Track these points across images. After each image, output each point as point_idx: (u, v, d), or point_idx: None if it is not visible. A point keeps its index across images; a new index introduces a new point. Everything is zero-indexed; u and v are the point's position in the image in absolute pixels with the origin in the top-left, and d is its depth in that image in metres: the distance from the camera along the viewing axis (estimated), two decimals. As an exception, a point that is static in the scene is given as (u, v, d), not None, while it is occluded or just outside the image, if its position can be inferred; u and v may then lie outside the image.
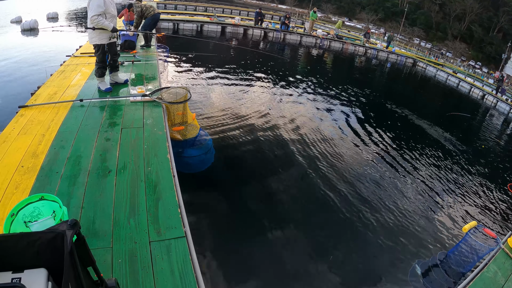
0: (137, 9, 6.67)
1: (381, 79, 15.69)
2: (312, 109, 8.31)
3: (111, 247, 1.95)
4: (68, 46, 8.48)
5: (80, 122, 3.39)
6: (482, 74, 24.64)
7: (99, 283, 1.38)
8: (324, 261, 3.51)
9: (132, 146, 3.04)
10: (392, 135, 7.76)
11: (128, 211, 2.24)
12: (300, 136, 6.38)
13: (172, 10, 20.55)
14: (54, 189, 2.35)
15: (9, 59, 8.47)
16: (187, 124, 4.19)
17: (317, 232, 3.96)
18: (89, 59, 5.81)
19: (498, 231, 4.82)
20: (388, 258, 3.75)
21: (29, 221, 1.80)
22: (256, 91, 8.81)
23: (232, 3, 36.00)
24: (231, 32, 16.47)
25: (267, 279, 3.17)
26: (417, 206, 4.90)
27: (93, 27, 3.87)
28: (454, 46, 45.06)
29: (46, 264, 1.11)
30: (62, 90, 4.25)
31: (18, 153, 2.75)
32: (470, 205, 5.39)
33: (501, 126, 12.39)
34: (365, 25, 43.77)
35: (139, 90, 4.32)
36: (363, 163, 5.90)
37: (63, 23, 14.63)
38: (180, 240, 2.07)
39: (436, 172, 6.27)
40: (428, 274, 3.46)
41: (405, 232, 4.24)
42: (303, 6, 51.35)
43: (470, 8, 46.41)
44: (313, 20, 18.98)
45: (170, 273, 1.84)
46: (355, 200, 4.67)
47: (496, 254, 3.00)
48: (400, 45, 26.30)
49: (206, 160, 4.32)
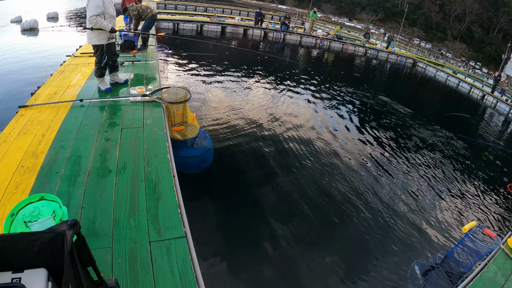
0: (133, 12, 6.39)
1: (381, 80, 15.69)
2: (312, 109, 8.32)
3: (111, 247, 1.95)
4: (68, 46, 8.47)
5: (80, 122, 3.39)
6: (482, 75, 24.64)
7: (99, 283, 1.38)
8: (324, 261, 3.51)
9: (132, 146, 3.04)
10: (392, 135, 7.76)
11: (128, 211, 2.24)
12: (300, 136, 6.39)
13: (172, 10, 20.56)
14: (54, 189, 2.35)
15: (9, 59, 8.48)
16: (187, 124, 4.19)
17: (317, 231, 3.96)
18: (89, 59, 5.81)
19: (498, 231, 4.83)
20: (387, 258, 3.75)
21: (29, 221, 1.80)
22: (256, 91, 8.81)
23: (232, 3, 36.01)
24: (231, 32, 16.47)
25: (267, 279, 3.17)
26: (416, 206, 4.91)
27: (91, 27, 3.87)
28: (454, 46, 45.12)
29: (46, 264, 1.11)
30: (62, 90, 4.25)
31: (18, 153, 2.75)
32: (470, 205, 5.39)
33: (501, 127, 12.40)
34: (365, 25, 43.77)
35: (139, 90, 4.32)
36: (363, 163, 5.90)
37: (63, 23, 14.62)
38: (180, 240, 2.07)
39: (436, 172, 6.28)
40: (428, 274, 3.46)
41: (405, 232, 4.24)
42: (303, 6, 51.38)
43: (470, 9, 46.46)
44: (313, 21, 19.00)
45: (170, 273, 1.84)
46: (355, 200, 4.68)
47: (496, 254, 3.01)
48: (400, 46, 26.31)
49: (206, 160, 4.33)
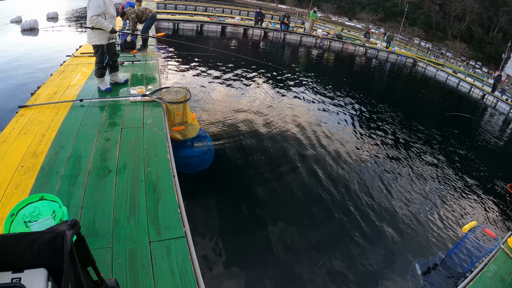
0: (131, 15, 6.25)
1: (381, 79, 15.68)
2: (312, 109, 8.31)
3: (111, 247, 1.95)
4: (68, 46, 8.48)
5: (80, 122, 3.40)
6: (482, 74, 24.62)
7: (99, 283, 1.38)
8: (324, 261, 3.51)
9: (132, 146, 3.04)
10: (391, 135, 7.76)
11: (128, 211, 2.24)
12: (300, 136, 6.38)
13: (172, 10, 20.54)
14: (54, 189, 2.35)
15: (9, 59, 8.47)
16: (187, 124, 4.19)
17: (317, 231, 3.96)
18: (89, 59, 5.81)
19: (498, 231, 4.82)
20: (388, 258, 3.75)
21: (29, 221, 1.80)
22: (256, 91, 8.81)
23: (232, 3, 35.98)
24: (231, 32, 16.46)
25: (267, 279, 3.16)
26: (417, 206, 4.90)
27: (91, 27, 3.88)
28: (454, 46, 45.08)
29: (46, 264, 1.11)
30: (62, 90, 4.25)
31: (18, 153, 2.75)
32: (470, 205, 5.39)
33: (501, 126, 12.39)
34: (365, 25, 43.75)
35: (139, 90, 4.32)
36: (363, 163, 5.90)
37: (63, 23, 14.62)
38: (180, 240, 2.07)
39: (436, 172, 6.27)
40: (428, 274, 3.46)
41: (405, 232, 4.25)
42: (303, 6, 51.38)
43: (470, 8, 46.43)
44: (313, 20, 18.99)
45: (170, 273, 1.85)
46: (355, 200, 4.68)
47: (496, 254, 3.01)
48: (400, 45, 26.29)
49: (206, 160, 4.33)
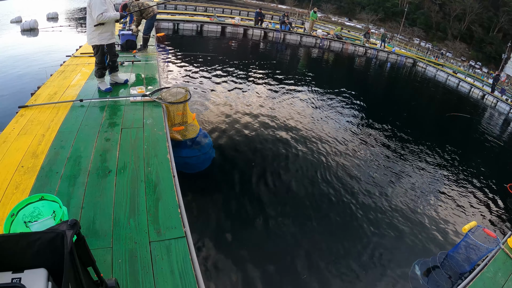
0: (134, 8, 6.27)
1: (381, 79, 15.68)
2: (312, 108, 8.31)
3: (111, 247, 1.95)
4: (68, 46, 8.48)
5: (80, 122, 3.39)
6: (482, 74, 24.61)
7: (99, 283, 1.38)
8: (324, 261, 3.51)
9: (132, 146, 3.04)
10: (392, 135, 7.76)
11: (128, 211, 2.24)
12: (300, 136, 6.38)
13: (172, 10, 20.56)
14: (54, 189, 2.35)
15: (9, 59, 8.47)
16: (187, 124, 4.19)
17: (317, 231, 3.96)
18: (89, 59, 5.81)
19: (498, 231, 4.82)
20: (388, 258, 3.75)
21: (29, 221, 1.80)
22: (256, 91, 8.81)
23: (232, 3, 35.99)
24: (231, 32, 16.46)
25: (268, 279, 3.16)
26: (417, 206, 4.90)
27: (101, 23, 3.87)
28: (454, 46, 45.04)
29: (46, 264, 1.11)
30: (62, 90, 4.25)
31: (18, 153, 2.75)
32: (470, 205, 5.39)
33: (501, 126, 12.39)
34: (365, 25, 43.75)
35: (139, 90, 4.32)
36: (363, 163, 5.90)
37: (63, 23, 14.62)
38: (180, 240, 2.07)
39: (436, 172, 6.27)
40: (428, 274, 3.46)
41: (405, 232, 4.25)
42: (303, 6, 51.33)
43: (470, 8, 46.39)
44: (313, 20, 19.00)
45: (170, 273, 1.85)
46: (355, 200, 4.68)
47: (496, 254, 3.01)
48: (400, 45, 26.29)
49: (206, 160, 4.33)
